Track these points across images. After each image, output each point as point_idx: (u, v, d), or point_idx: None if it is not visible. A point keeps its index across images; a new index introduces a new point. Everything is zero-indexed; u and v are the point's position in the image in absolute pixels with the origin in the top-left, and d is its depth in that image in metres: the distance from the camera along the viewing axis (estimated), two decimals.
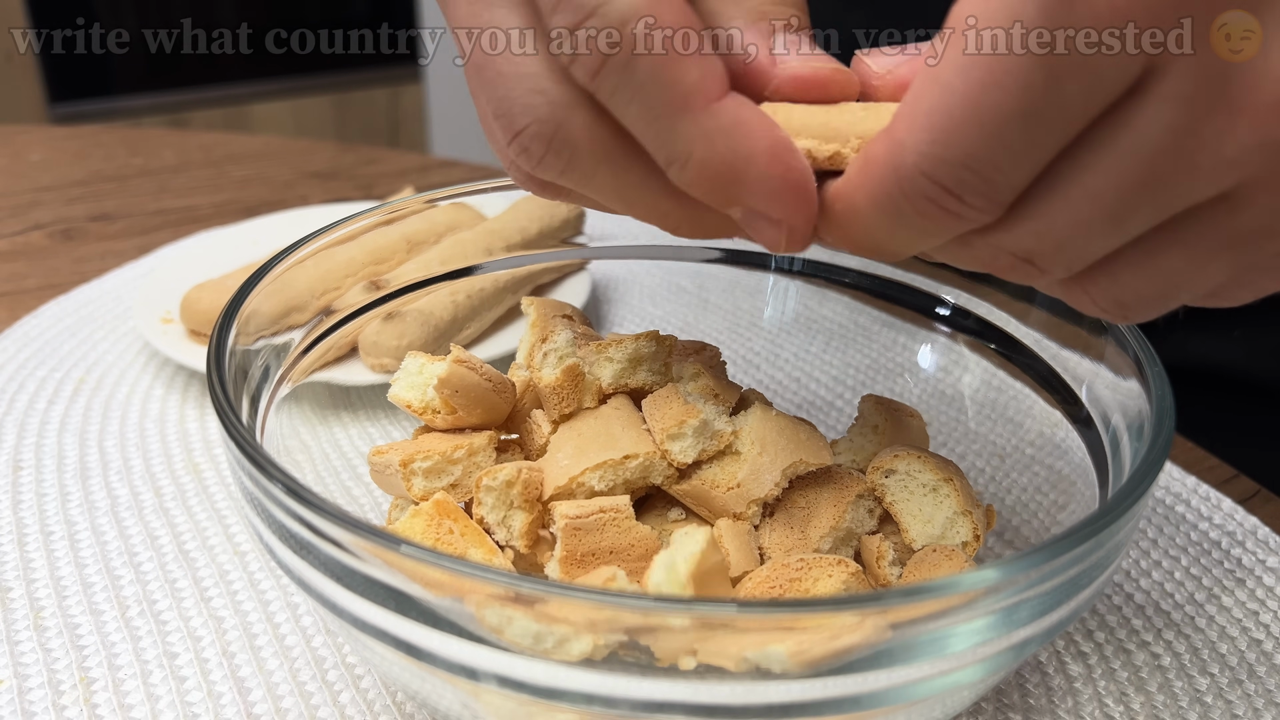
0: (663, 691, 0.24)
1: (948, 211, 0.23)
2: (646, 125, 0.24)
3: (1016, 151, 0.21)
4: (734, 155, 0.24)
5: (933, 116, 0.21)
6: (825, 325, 0.52)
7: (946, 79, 0.21)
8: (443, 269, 0.46)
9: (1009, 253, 0.24)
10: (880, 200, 0.23)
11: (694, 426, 0.33)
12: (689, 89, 0.23)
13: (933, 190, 0.22)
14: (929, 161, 0.22)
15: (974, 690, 0.29)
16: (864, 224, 0.24)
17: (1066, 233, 0.23)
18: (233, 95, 2.36)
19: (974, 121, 0.21)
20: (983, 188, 0.22)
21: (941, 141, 0.21)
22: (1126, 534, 0.27)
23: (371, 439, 0.49)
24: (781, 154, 0.24)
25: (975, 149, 0.21)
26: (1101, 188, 0.22)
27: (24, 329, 0.60)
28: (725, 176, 0.24)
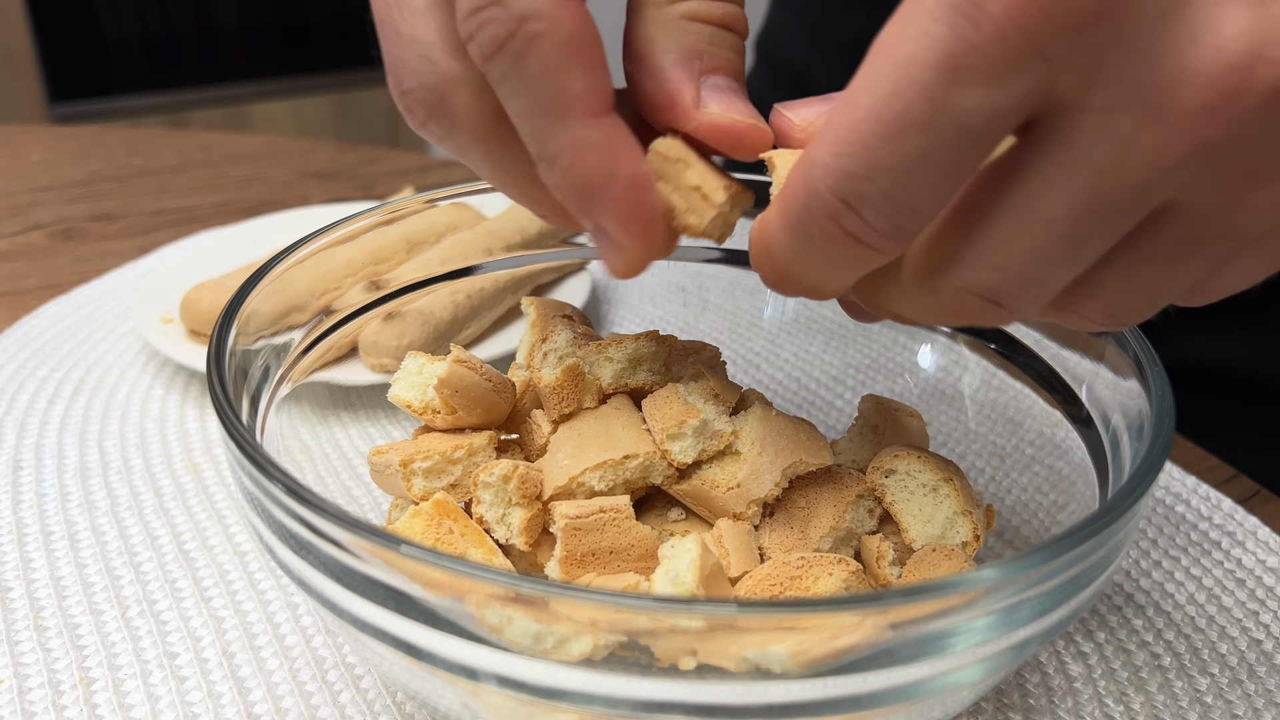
0: (663, 691, 0.24)
1: (849, 234, 0.23)
2: (526, 119, 0.25)
3: (917, 167, 0.21)
4: (596, 173, 0.25)
5: (838, 130, 0.22)
6: (825, 325, 0.52)
7: (855, 93, 0.22)
8: (443, 269, 0.46)
9: (974, 293, 0.24)
10: (791, 222, 0.24)
11: (694, 426, 0.33)
12: (571, 96, 0.24)
13: (835, 207, 0.22)
14: (833, 175, 0.22)
15: (974, 690, 0.29)
16: (781, 253, 0.25)
17: (1024, 261, 0.23)
18: (233, 95, 2.36)
19: (877, 134, 0.21)
20: (884, 205, 0.22)
21: (844, 154, 0.22)
22: (1126, 534, 0.27)
23: (371, 439, 0.49)
24: (638, 187, 0.25)
25: (876, 160, 0.21)
26: (1049, 210, 0.22)
27: (24, 329, 0.60)
28: (584, 189, 0.25)
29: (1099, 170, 0.21)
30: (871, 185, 0.22)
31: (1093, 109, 0.20)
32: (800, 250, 0.24)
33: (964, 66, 0.20)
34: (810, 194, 0.23)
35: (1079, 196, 0.21)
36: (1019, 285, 0.23)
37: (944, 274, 0.24)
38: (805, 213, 0.23)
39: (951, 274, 0.24)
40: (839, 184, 0.22)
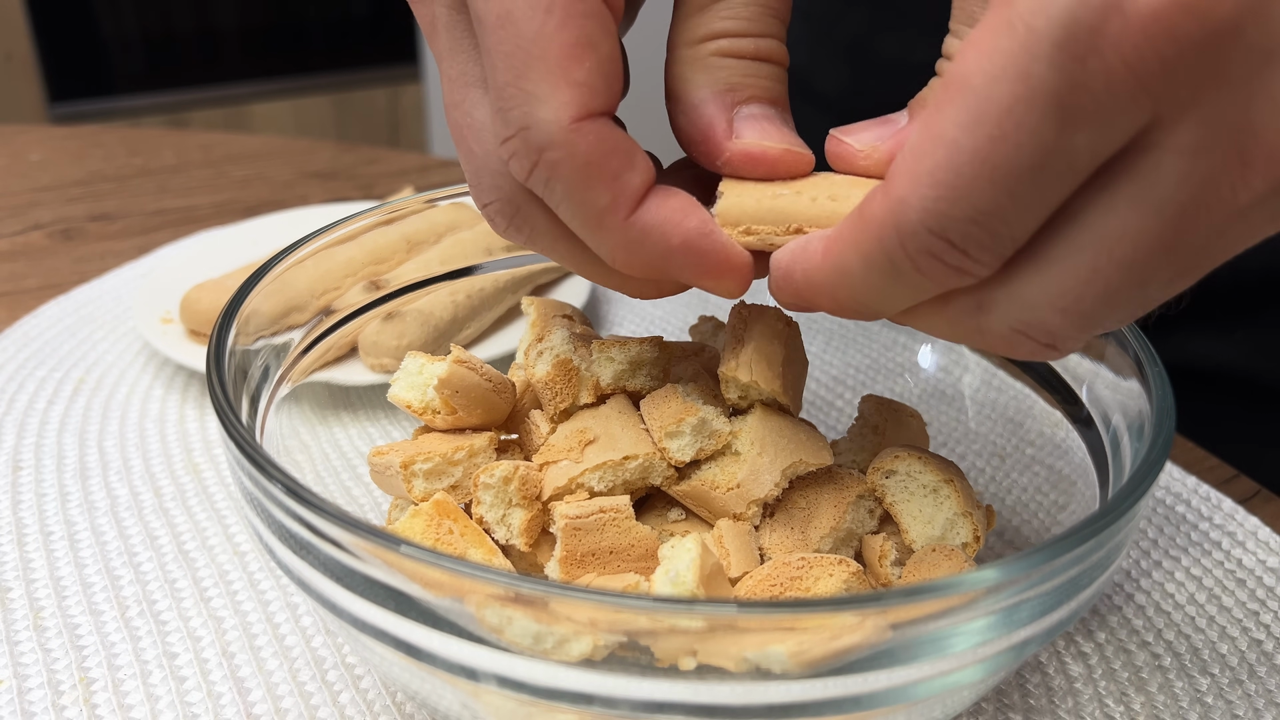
0: (663, 691, 0.24)
1: (949, 267, 0.23)
2: (575, 229, 0.27)
3: (1024, 204, 0.21)
4: (653, 256, 0.27)
5: (938, 174, 0.21)
6: (825, 325, 0.52)
7: (951, 136, 0.21)
8: (443, 269, 0.46)
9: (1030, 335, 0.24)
10: (876, 258, 0.23)
11: (692, 424, 0.33)
12: (600, 210, 0.26)
13: (938, 246, 0.22)
14: (935, 218, 0.22)
15: (974, 690, 0.29)
16: (853, 283, 0.25)
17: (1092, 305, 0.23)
18: (233, 95, 2.37)
19: (984, 177, 0.21)
20: (988, 241, 0.22)
21: (948, 198, 0.21)
22: (1127, 534, 0.27)
23: (371, 439, 0.49)
24: (694, 242, 0.27)
25: (983, 204, 0.21)
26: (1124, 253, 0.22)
27: (24, 329, 0.60)
28: (652, 270, 0.27)
29: (1180, 211, 0.21)
30: (978, 227, 0.22)
31: (1181, 149, 0.20)
32: (882, 284, 0.24)
33: (1073, 108, 0.20)
34: (907, 235, 0.22)
35: (1156, 238, 0.21)
36: (1080, 328, 0.23)
37: (996, 313, 0.24)
38: (900, 252, 0.23)
39: (1010, 314, 0.24)
40: (942, 226, 0.22)
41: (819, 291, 0.26)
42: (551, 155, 0.25)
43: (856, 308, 0.26)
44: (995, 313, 0.24)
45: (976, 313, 0.24)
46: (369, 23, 2.49)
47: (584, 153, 0.25)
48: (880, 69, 0.63)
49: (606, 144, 0.25)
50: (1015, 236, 0.22)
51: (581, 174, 0.25)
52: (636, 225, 0.26)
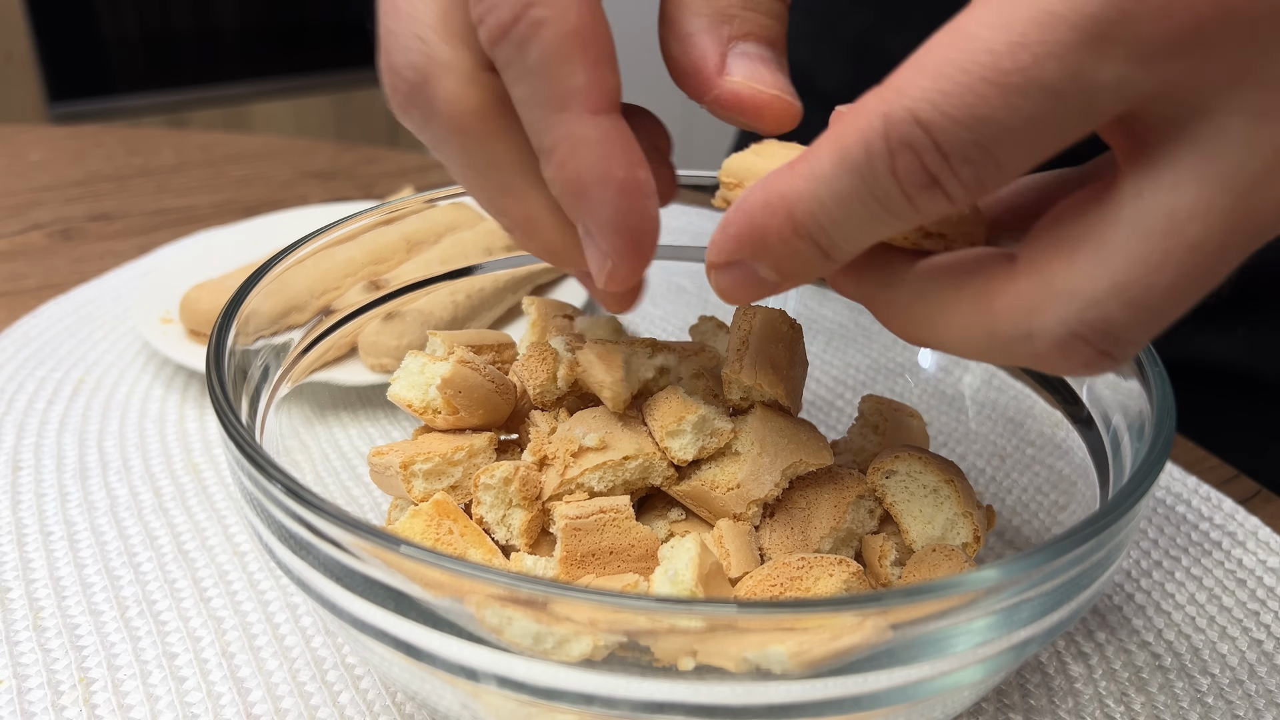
0: (663, 692, 0.24)
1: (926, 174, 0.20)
2: (527, 109, 0.25)
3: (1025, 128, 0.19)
4: (589, 172, 0.24)
5: (944, 66, 0.19)
6: (825, 325, 0.52)
7: (971, 28, 0.19)
8: (443, 269, 0.46)
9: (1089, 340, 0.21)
10: (854, 152, 0.21)
11: (693, 422, 0.33)
12: (571, 89, 0.24)
13: (921, 142, 0.20)
14: (927, 109, 0.20)
15: (975, 690, 0.29)
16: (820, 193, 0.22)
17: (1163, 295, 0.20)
18: (233, 95, 2.37)
19: (991, 80, 0.19)
20: (974, 154, 0.20)
21: (948, 91, 0.19)
22: (1127, 534, 0.27)
23: (371, 439, 0.49)
24: (631, 192, 0.25)
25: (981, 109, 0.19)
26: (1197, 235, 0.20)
27: (24, 329, 0.60)
28: (576, 186, 0.25)
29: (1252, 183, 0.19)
30: (970, 134, 0.19)
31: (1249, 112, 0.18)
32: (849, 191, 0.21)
33: (1112, 36, 0.18)
34: (893, 123, 0.20)
35: (1228, 215, 0.19)
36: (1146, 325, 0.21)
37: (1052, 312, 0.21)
38: (880, 143, 0.20)
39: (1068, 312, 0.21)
40: (933, 121, 0.20)
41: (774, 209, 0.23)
42: (538, 13, 0.23)
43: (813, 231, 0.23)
44: (1050, 312, 0.21)
45: (1027, 316, 0.22)
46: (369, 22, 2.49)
47: (575, 20, 0.23)
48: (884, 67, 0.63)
49: (597, 23, 0.24)
50: (1002, 164, 0.20)
51: (565, 42, 0.23)
52: (600, 127, 0.24)
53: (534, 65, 0.24)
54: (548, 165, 0.25)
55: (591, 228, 0.25)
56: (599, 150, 0.24)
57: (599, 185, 0.24)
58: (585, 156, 0.24)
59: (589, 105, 0.24)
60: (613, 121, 0.24)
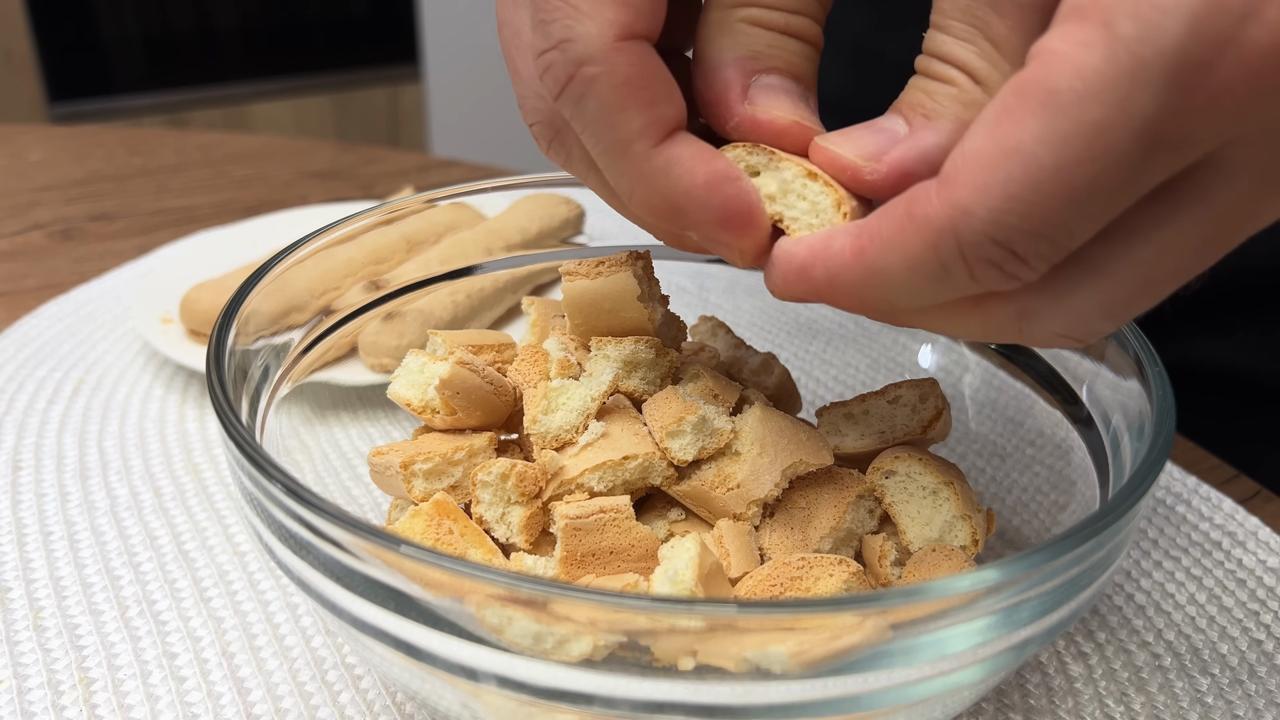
0: (663, 691, 0.24)
1: (1005, 274, 0.23)
2: (597, 155, 0.26)
3: (1091, 219, 0.21)
4: (670, 193, 0.26)
5: (1011, 186, 0.21)
6: (825, 325, 0.52)
7: (1031, 150, 0.21)
8: (443, 269, 0.46)
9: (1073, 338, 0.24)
10: (925, 262, 0.23)
11: (693, 423, 0.33)
12: (630, 135, 0.25)
13: (999, 255, 0.22)
14: (1002, 230, 0.21)
15: (974, 690, 0.29)
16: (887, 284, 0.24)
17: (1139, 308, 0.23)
18: (233, 95, 2.37)
19: (1061, 196, 0.21)
20: (1049, 252, 0.22)
21: (1020, 211, 0.21)
22: (1127, 534, 0.27)
23: (371, 439, 0.49)
24: (718, 184, 0.26)
25: (1054, 218, 0.21)
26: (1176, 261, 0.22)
27: (24, 329, 0.60)
28: (666, 210, 0.26)
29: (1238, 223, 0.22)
30: (1045, 241, 0.22)
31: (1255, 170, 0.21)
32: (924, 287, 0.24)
33: (1166, 136, 0.20)
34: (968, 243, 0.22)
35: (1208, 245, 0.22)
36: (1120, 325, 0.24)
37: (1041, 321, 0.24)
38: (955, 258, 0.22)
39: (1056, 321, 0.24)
40: (1009, 237, 0.22)
41: (844, 291, 0.25)
42: (589, 70, 0.24)
43: (883, 308, 0.25)
44: (1040, 320, 0.24)
45: (1018, 320, 0.24)
46: (369, 23, 2.49)
47: (623, 71, 0.24)
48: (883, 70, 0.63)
49: (647, 67, 0.25)
50: (1073, 247, 0.22)
51: (618, 93, 0.25)
52: (663, 156, 0.25)
53: (593, 119, 0.25)
54: (633, 205, 0.27)
55: (702, 233, 0.27)
56: (670, 171, 0.25)
57: (684, 197, 0.26)
58: (660, 182, 0.26)
59: (653, 141, 0.25)
60: (676, 140, 0.26)
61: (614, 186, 0.27)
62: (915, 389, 0.37)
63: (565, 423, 0.33)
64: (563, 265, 0.35)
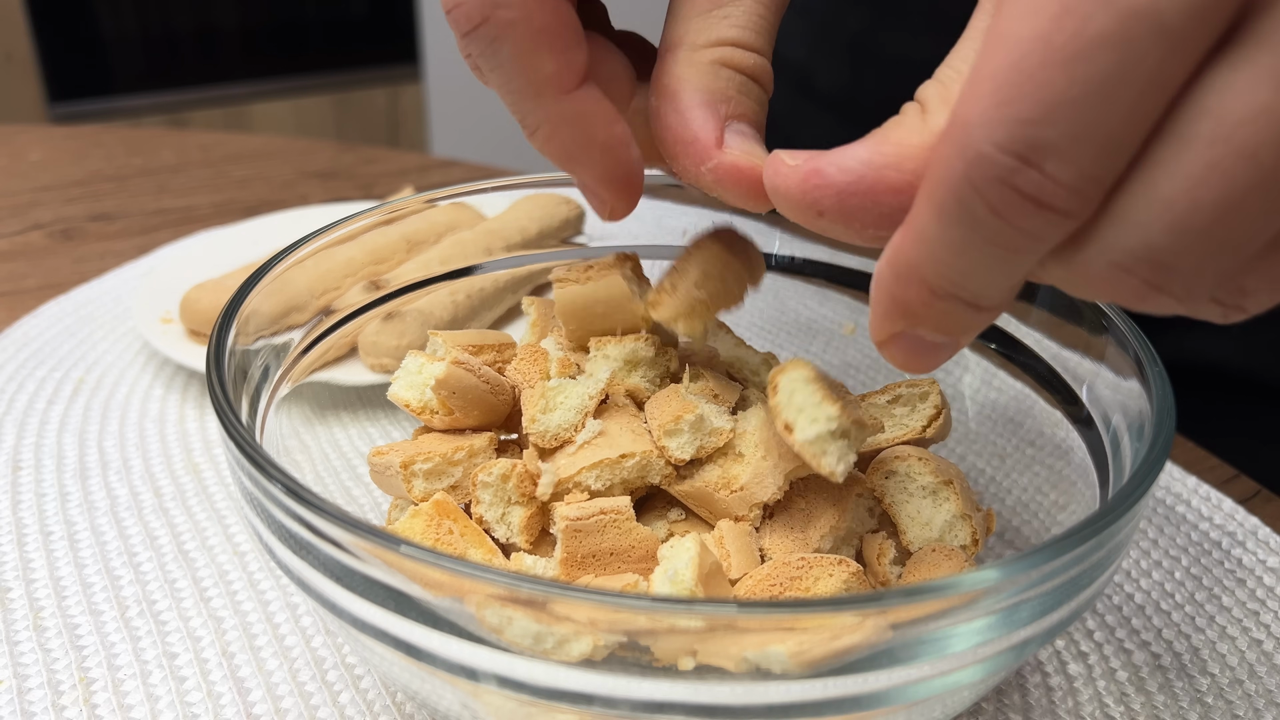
0: (663, 691, 0.24)
1: (1029, 198, 0.18)
2: (503, 93, 0.27)
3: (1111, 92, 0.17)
4: (572, 143, 0.27)
5: (998, 74, 0.18)
6: (825, 325, 0.52)
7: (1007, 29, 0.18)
8: (443, 269, 0.46)
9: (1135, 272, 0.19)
10: (948, 205, 0.19)
11: (690, 421, 0.33)
12: (544, 78, 0.26)
13: (1008, 166, 0.18)
14: (999, 127, 0.18)
15: (974, 690, 0.29)
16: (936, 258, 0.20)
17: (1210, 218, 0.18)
18: (233, 95, 2.37)
19: (1050, 62, 0.17)
20: (1072, 150, 0.17)
21: (1011, 98, 0.17)
22: (1127, 534, 0.27)
23: (371, 439, 0.49)
24: (614, 149, 0.28)
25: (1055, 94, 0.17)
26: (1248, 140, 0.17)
27: (24, 329, 0.60)
28: (564, 156, 0.28)
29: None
30: (1053, 128, 0.17)
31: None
32: (963, 243, 0.20)
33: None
34: (971, 160, 0.18)
35: None
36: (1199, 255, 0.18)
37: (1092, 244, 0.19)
38: (968, 186, 0.19)
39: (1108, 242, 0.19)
40: (1009, 136, 0.18)
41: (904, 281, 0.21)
42: (505, 14, 0.25)
43: (950, 289, 0.21)
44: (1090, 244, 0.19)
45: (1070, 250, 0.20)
46: (369, 23, 2.49)
47: (540, 20, 0.25)
48: (881, 66, 0.63)
49: (562, 14, 0.25)
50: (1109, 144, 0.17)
51: (534, 39, 0.25)
52: (573, 105, 0.26)
53: (506, 61, 0.26)
54: (534, 139, 0.28)
55: (587, 181, 0.29)
56: (578, 123, 0.27)
57: (584, 151, 0.27)
58: (566, 131, 0.27)
59: (562, 88, 0.26)
60: (585, 92, 0.27)
61: (521, 122, 0.27)
62: (915, 389, 0.37)
63: (564, 421, 0.33)
64: (553, 273, 0.35)
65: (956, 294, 0.21)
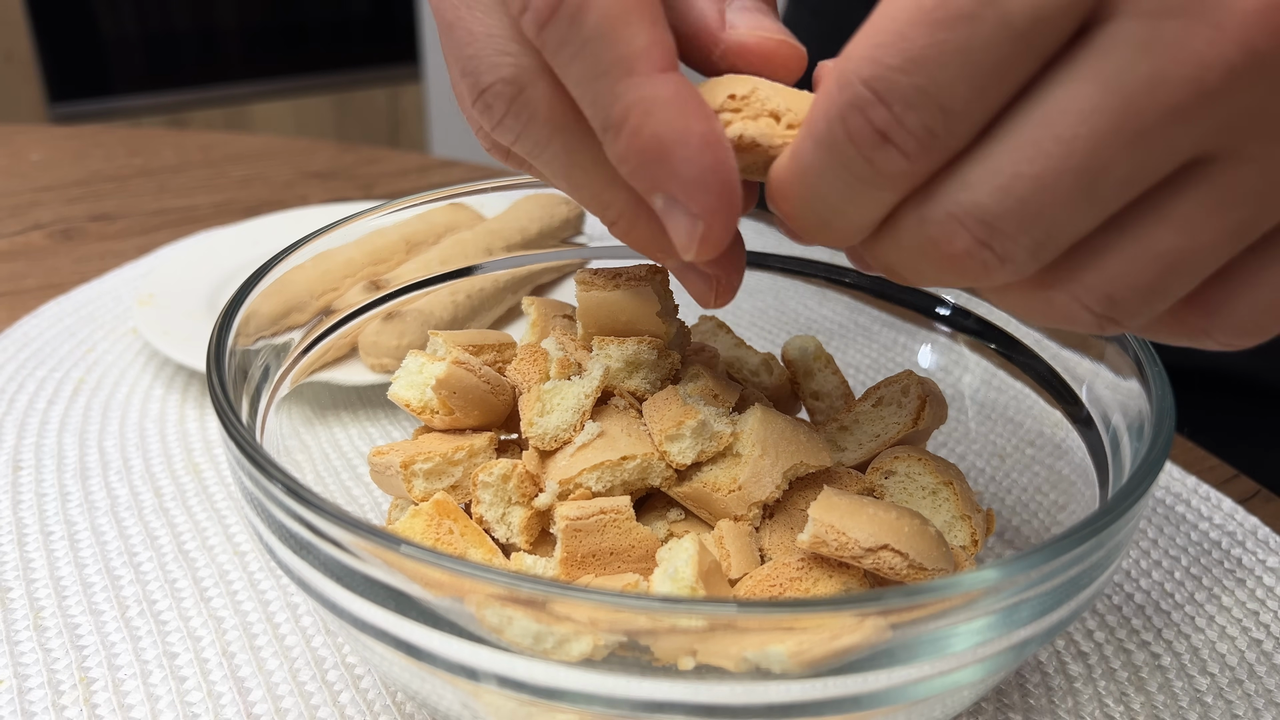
0: (663, 691, 0.24)
1: (877, 131, 0.21)
2: (588, 85, 0.24)
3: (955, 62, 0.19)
4: (668, 130, 0.23)
5: (879, 22, 0.20)
6: (825, 325, 0.52)
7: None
8: (443, 269, 0.46)
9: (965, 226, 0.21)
10: (818, 126, 0.22)
11: (692, 427, 0.33)
12: (635, 52, 0.23)
13: (866, 98, 0.20)
14: (867, 65, 0.20)
15: (974, 690, 0.29)
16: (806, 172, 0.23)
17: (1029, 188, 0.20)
18: (233, 95, 2.37)
19: (916, 21, 0.19)
20: (916, 99, 0.20)
21: (882, 44, 0.20)
22: (1127, 534, 0.27)
23: (371, 439, 0.49)
24: (715, 144, 0.23)
25: (913, 50, 0.20)
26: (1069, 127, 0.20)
27: (24, 329, 0.60)
28: (655, 152, 0.23)
29: (1135, 85, 0.19)
30: (905, 77, 0.20)
31: (1139, 13, 0.18)
32: (826, 164, 0.22)
33: None
34: (841, 87, 0.21)
35: (1107, 116, 0.19)
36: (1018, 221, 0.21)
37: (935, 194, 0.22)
38: (834, 111, 0.21)
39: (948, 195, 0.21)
40: (872, 73, 0.20)
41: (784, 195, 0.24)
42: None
43: (815, 219, 0.23)
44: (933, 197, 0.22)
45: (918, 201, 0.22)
46: (369, 23, 2.49)
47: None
48: None
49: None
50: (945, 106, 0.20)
51: (621, 6, 0.23)
52: (669, 84, 0.23)
53: (591, 34, 0.23)
54: (619, 138, 0.24)
55: (677, 191, 0.24)
56: (675, 107, 0.23)
57: (680, 143, 0.23)
58: (662, 116, 0.23)
59: (657, 65, 0.23)
60: (679, 77, 0.24)
61: (602, 118, 0.24)
62: (894, 385, 0.37)
63: (562, 422, 0.33)
64: (577, 274, 0.35)
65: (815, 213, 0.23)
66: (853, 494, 0.30)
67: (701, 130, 0.23)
